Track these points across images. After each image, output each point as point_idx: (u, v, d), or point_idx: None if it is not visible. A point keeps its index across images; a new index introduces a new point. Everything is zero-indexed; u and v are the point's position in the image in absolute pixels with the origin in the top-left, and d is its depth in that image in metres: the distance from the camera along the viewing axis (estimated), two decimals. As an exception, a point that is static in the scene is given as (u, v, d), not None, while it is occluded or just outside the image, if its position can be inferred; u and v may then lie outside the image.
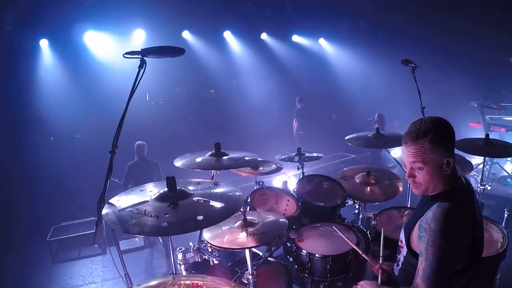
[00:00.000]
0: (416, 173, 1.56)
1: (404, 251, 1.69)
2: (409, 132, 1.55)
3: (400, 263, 1.76)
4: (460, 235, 1.45)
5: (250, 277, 2.17)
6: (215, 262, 2.26)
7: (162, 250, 5.29)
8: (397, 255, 1.80)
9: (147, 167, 5.37)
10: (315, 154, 3.68)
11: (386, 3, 8.44)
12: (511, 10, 7.47)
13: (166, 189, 1.79)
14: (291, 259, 2.75)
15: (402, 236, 1.73)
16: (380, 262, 2.00)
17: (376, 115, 7.56)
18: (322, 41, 10.77)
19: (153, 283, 1.44)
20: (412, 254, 1.60)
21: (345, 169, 3.60)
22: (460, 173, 1.67)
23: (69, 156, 7.81)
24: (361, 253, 2.22)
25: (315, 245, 2.61)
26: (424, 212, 1.55)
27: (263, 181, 3.49)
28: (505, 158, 6.58)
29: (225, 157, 2.50)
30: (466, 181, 1.66)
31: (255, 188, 3.37)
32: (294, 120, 8.85)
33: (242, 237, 2.13)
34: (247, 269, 2.18)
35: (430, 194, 1.62)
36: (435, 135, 1.50)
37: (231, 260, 2.62)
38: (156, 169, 5.42)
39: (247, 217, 2.27)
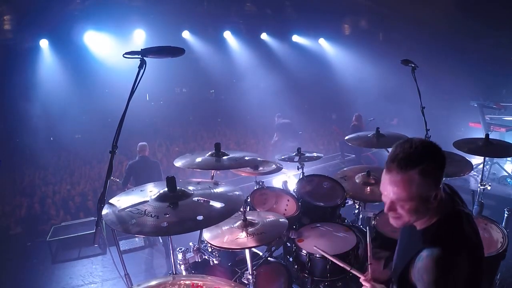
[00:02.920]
0: (398, 207, 1.32)
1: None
2: (396, 158, 1.28)
3: None
4: (456, 281, 1.27)
5: (250, 277, 2.17)
6: (215, 262, 2.26)
7: (162, 250, 5.30)
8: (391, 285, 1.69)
9: (147, 166, 5.39)
10: (315, 154, 3.68)
11: (386, 3, 8.45)
12: (511, 10, 7.47)
13: (166, 189, 1.79)
14: (291, 259, 2.75)
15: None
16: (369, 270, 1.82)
17: (354, 116, 7.90)
18: (322, 41, 10.78)
19: (153, 283, 1.44)
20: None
21: (345, 169, 3.60)
22: (453, 190, 1.49)
23: (69, 156, 7.81)
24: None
25: (315, 245, 2.61)
26: (412, 250, 1.39)
27: (263, 181, 3.49)
28: (505, 158, 6.57)
29: (225, 157, 2.49)
30: (460, 199, 1.48)
31: (255, 188, 3.36)
32: (275, 135, 8.68)
33: (242, 237, 2.13)
34: (247, 269, 2.18)
35: (417, 228, 1.41)
36: (427, 166, 1.26)
37: (231, 260, 2.62)
38: (156, 168, 5.45)
39: (247, 217, 2.27)
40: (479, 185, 3.27)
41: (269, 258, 2.61)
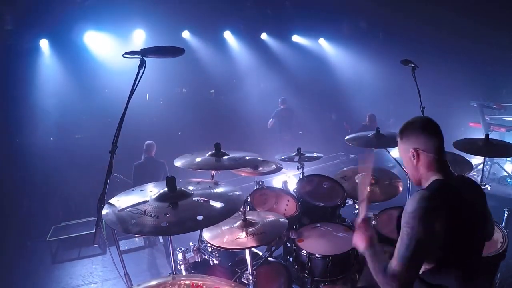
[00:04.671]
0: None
1: None
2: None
3: None
4: (432, 219, 1.46)
5: (250, 277, 2.17)
6: (215, 262, 2.26)
7: (162, 250, 5.30)
8: None
9: (152, 167, 5.29)
10: (315, 154, 3.68)
11: (386, 3, 8.45)
12: (511, 9, 7.47)
13: (166, 189, 1.79)
14: (291, 259, 2.75)
15: None
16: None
17: (368, 116, 7.78)
18: (322, 41, 10.76)
19: (153, 283, 1.44)
20: None
21: (345, 169, 3.60)
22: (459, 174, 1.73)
23: (69, 156, 7.79)
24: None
25: (315, 245, 2.61)
26: None
27: (263, 181, 3.49)
28: (505, 158, 6.57)
29: (225, 157, 2.50)
30: (464, 180, 1.71)
31: (255, 188, 3.37)
32: (271, 119, 8.61)
33: (242, 237, 2.13)
34: (247, 269, 2.18)
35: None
36: (401, 128, 1.76)
37: (231, 260, 2.63)
38: (163, 169, 5.33)
39: (247, 217, 2.27)
40: (479, 185, 3.26)
41: (269, 258, 2.61)
